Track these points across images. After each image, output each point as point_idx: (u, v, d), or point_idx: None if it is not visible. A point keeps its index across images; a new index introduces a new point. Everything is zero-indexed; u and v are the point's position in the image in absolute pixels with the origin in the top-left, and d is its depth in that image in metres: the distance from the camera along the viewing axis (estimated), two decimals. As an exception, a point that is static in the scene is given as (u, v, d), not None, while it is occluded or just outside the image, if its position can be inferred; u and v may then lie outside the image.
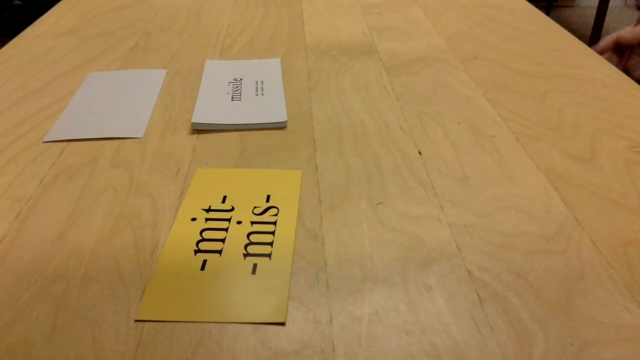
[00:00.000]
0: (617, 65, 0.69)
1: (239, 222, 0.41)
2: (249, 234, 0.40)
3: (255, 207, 0.43)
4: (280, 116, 0.56)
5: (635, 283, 0.36)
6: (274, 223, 0.41)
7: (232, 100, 0.59)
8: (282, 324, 0.33)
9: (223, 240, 0.40)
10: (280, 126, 0.55)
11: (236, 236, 0.40)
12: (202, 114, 0.56)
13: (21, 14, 2.50)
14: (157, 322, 0.33)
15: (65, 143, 0.51)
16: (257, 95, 0.61)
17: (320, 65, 0.68)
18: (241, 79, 0.64)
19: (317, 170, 0.48)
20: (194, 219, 0.42)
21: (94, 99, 0.60)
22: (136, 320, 0.33)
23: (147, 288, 0.36)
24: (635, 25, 0.79)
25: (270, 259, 0.38)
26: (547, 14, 2.70)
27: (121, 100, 0.59)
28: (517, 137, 0.52)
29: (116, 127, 0.54)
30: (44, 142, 0.51)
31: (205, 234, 0.40)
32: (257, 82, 0.64)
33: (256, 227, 0.41)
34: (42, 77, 0.65)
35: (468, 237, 0.40)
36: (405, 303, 0.35)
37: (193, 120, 0.54)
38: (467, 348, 0.32)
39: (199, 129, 0.54)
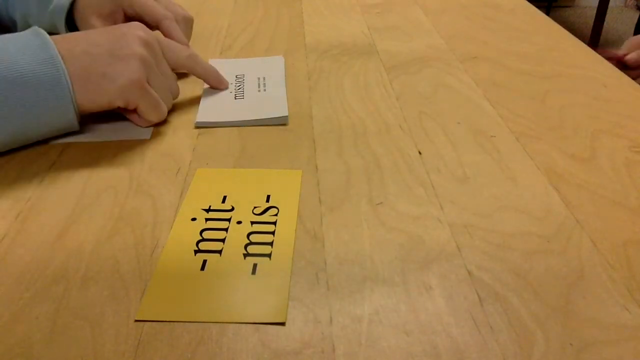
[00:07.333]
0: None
1: (239, 222, 0.41)
2: (249, 234, 0.40)
3: (255, 207, 0.43)
4: (281, 111, 0.56)
5: (635, 283, 0.36)
6: (274, 223, 0.41)
7: (235, 98, 0.59)
8: (282, 324, 0.33)
9: (223, 240, 0.40)
10: (281, 122, 0.55)
11: (236, 236, 0.40)
12: (206, 114, 0.56)
13: None
14: (157, 322, 0.33)
15: (65, 144, 0.51)
16: (259, 91, 0.60)
17: (320, 65, 0.68)
18: (243, 75, 0.64)
19: (317, 170, 0.48)
20: (194, 219, 0.42)
21: None
22: (136, 320, 0.33)
23: (147, 288, 0.36)
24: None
25: (270, 259, 0.38)
26: (547, 14, 2.70)
27: None
28: (517, 137, 0.52)
29: (120, 129, 0.54)
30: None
31: (205, 234, 0.40)
32: (259, 78, 0.63)
33: (256, 227, 0.41)
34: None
35: (468, 237, 0.40)
36: (405, 303, 0.35)
37: (197, 120, 0.54)
38: (467, 348, 0.32)
39: (200, 127, 0.54)
